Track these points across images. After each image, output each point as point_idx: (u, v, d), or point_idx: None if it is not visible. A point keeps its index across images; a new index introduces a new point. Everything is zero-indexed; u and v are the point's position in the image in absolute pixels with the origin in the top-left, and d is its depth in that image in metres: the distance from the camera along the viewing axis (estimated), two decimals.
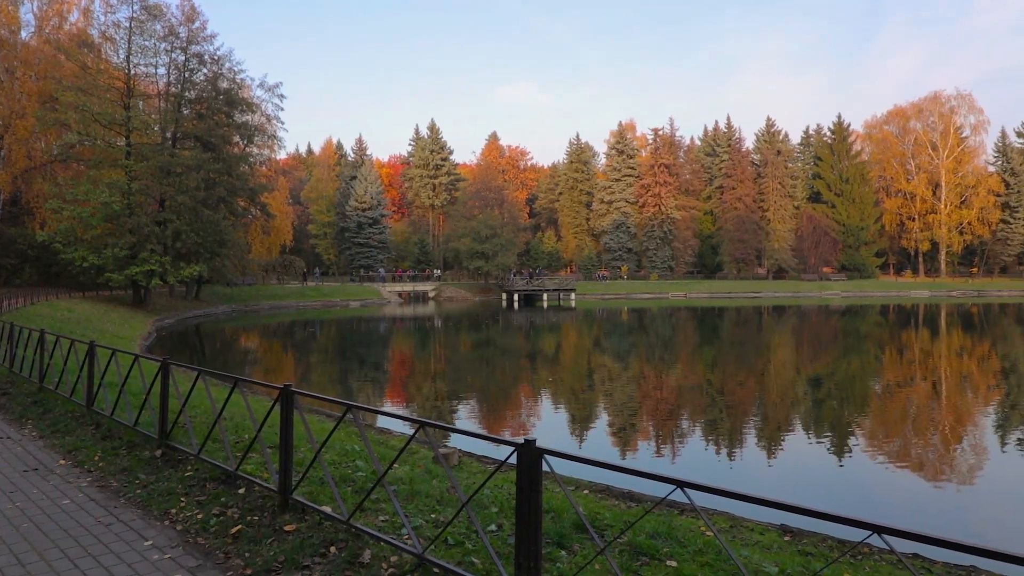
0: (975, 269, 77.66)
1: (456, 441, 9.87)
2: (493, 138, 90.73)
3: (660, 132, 78.99)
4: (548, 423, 13.10)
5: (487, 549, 2.89)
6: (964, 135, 77.38)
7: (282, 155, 68.47)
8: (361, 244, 73.13)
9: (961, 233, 75.59)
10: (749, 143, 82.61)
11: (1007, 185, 75.23)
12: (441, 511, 4.36)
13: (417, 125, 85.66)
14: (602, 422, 13.18)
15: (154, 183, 35.08)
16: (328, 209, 75.05)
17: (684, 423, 12.87)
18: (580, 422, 13.08)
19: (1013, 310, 45.57)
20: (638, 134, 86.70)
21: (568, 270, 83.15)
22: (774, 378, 19.00)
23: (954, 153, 76.11)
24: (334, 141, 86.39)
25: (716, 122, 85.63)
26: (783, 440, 11.40)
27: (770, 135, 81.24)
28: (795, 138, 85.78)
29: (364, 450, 6.12)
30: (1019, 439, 11.56)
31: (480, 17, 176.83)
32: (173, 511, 4.57)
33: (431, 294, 63.83)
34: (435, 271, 72.93)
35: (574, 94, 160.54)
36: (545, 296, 58.63)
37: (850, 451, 10.75)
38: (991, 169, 78.56)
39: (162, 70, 38.38)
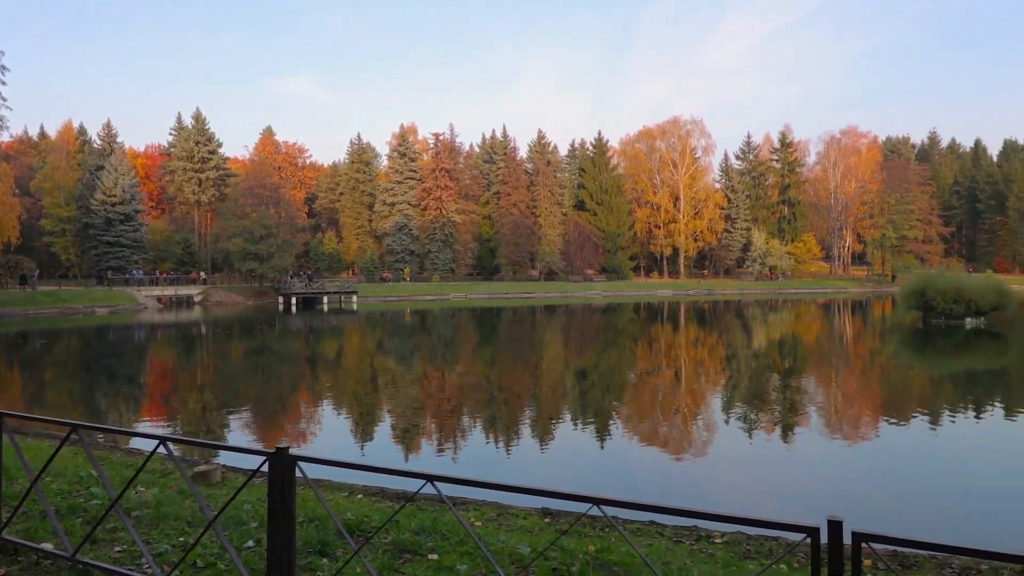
0: (706, 271, 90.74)
1: (225, 458, 9.17)
2: (268, 133, 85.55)
3: (441, 137, 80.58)
4: (328, 429, 12.70)
5: (239, 568, 2.75)
6: (697, 156, 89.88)
7: (5, 137, 57.98)
8: (110, 243, 64.32)
9: (695, 240, 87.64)
10: (523, 152, 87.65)
11: (729, 200, 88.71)
12: (192, 533, 4.03)
13: (180, 113, 77.57)
14: (385, 425, 13.11)
15: None
16: (67, 202, 64.90)
17: (465, 420, 13.28)
18: (362, 426, 12.88)
19: (733, 306, 54.03)
20: (420, 138, 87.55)
21: (350, 272, 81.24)
22: (546, 372, 20.38)
23: (690, 171, 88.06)
24: (75, 124, 75.00)
25: (493, 131, 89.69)
26: (555, 429, 12.28)
27: (541, 146, 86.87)
28: (563, 150, 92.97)
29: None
30: (739, 414, 13.72)
31: (253, 2, 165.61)
32: None
33: (197, 298, 58.32)
34: (201, 273, 66.74)
35: (356, 93, 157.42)
36: (325, 299, 56.67)
37: (610, 434, 11.94)
38: (717, 186, 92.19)
39: None
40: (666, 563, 4.11)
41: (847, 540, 2.07)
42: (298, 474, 2.64)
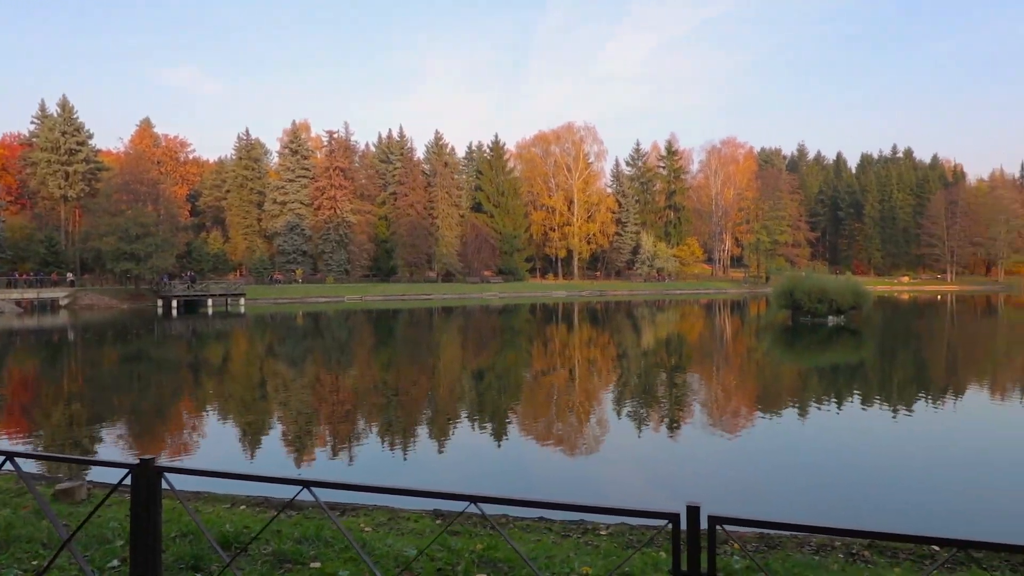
0: (598, 273, 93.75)
1: (94, 473, 8.50)
2: (146, 124, 79.97)
3: (336, 135, 78.49)
4: (212, 439, 12.05)
5: None
6: (590, 161, 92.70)
7: None
8: None
9: (588, 243, 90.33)
10: (420, 153, 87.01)
11: (620, 204, 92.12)
12: (48, 555, 3.73)
13: (43, 100, 70.82)
14: (275, 432, 12.61)
15: None
16: None
17: (360, 424, 13.00)
18: (251, 434, 12.32)
19: (624, 306, 56.11)
20: (313, 135, 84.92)
21: (237, 273, 77.48)
22: (443, 374, 20.32)
23: (583, 175, 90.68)
24: None
25: (390, 130, 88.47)
26: (452, 430, 12.27)
27: (438, 147, 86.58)
28: (461, 152, 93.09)
29: None
30: (630, 410, 14.27)
31: None
32: None
33: (64, 302, 53.62)
34: (69, 275, 61.39)
35: (244, 86, 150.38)
36: (210, 302, 53.69)
37: (507, 433, 12.08)
38: (609, 191, 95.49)
39: None
40: (550, 557, 4.24)
41: (705, 524, 2.23)
42: (166, 486, 2.51)
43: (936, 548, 6.71)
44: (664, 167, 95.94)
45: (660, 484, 9.37)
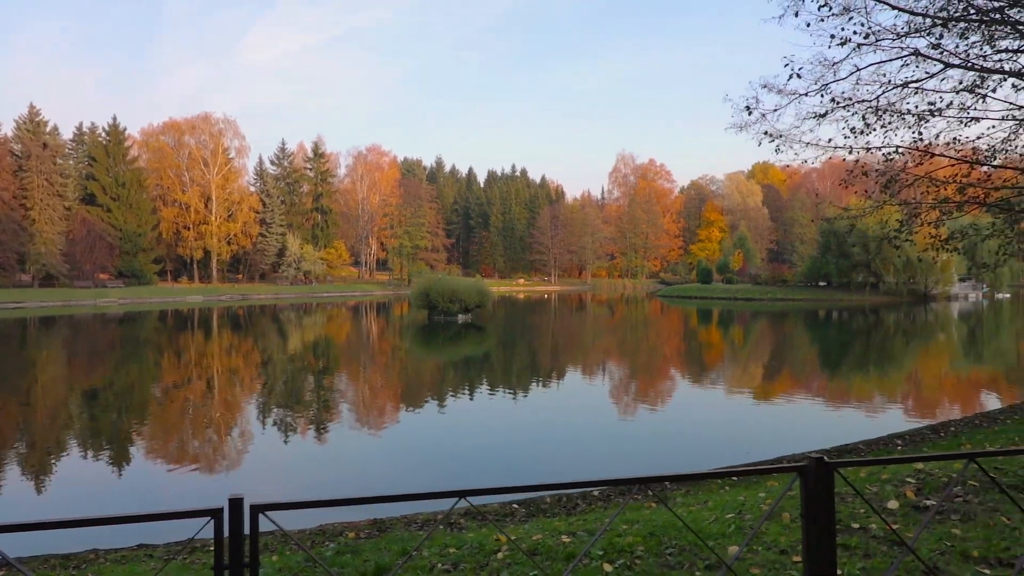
0: (240, 276, 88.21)
1: None
2: None
3: None
4: None
5: None
6: (231, 156, 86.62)
7: None
8: None
9: (229, 243, 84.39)
10: (8, 130, 70.76)
11: (264, 204, 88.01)
12: None
13: None
14: None
15: None
16: None
17: None
18: None
19: (270, 310, 53.98)
20: None
21: None
22: (41, 399, 17.01)
23: (223, 171, 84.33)
24: None
25: None
26: (57, 464, 10.57)
27: (34, 125, 71.50)
28: (67, 133, 78.21)
29: None
30: (281, 418, 13.94)
31: None
32: None
33: None
34: None
35: None
36: None
37: (130, 459, 10.93)
38: (252, 189, 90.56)
39: None
40: None
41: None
42: None
43: (516, 505, 8.13)
44: (311, 169, 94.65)
45: (304, 486, 9.53)
